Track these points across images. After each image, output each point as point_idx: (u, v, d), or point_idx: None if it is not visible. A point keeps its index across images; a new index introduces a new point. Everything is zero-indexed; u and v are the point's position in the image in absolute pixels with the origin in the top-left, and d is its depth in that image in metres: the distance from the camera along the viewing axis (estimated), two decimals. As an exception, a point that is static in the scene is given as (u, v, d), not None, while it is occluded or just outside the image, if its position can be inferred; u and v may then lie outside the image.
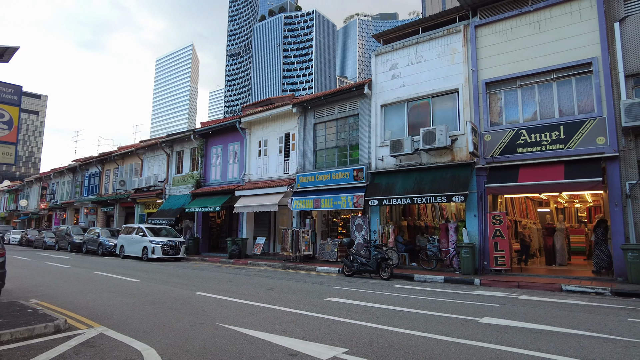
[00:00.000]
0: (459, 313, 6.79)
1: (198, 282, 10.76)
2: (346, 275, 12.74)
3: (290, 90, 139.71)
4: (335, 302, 7.75)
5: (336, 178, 16.34)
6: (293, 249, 16.13)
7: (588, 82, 11.85)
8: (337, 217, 18.90)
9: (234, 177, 21.52)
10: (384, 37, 16.88)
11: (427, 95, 14.62)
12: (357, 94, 16.63)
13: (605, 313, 6.96)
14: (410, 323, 5.99)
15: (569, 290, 9.63)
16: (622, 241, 10.73)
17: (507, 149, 12.59)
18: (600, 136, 11.25)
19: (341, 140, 17.30)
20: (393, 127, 15.56)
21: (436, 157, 14.06)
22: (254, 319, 6.18)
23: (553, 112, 12.29)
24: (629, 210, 10.80)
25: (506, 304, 7.82)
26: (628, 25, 11.37)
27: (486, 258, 12.54)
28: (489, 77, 13.34)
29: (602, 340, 5.08)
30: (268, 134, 20.16)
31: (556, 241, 14.69)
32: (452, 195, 12.67)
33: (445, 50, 14.36)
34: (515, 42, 13.04)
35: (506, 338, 5.15)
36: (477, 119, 13.32)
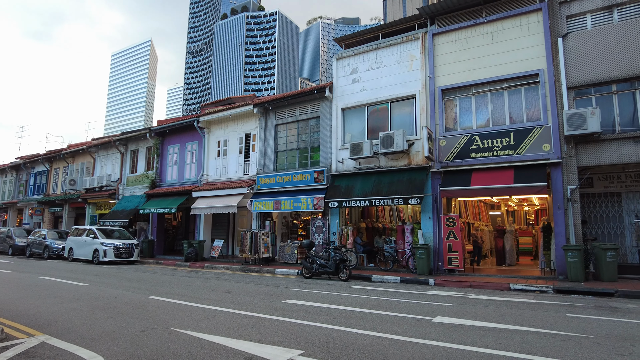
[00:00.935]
0: (413, 313, 6.97)
1: (152, 286, 10.41)
2: (305, 277, 12.76)
3: (252, 90, 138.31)
4: (293, 304, 7.74)
5: (297, 180, 16.34)
6: (252, 251, 15.96)
7: (535, 92, 12.56)
8: (297, 219, 18.89)
9: (191, 178, 21.00)
10: (346, 41, 17.09)
11: (386, 100, 14.95)
12: (318, 97, 16.73)
13: (547, 310, 7.38)
14: (366, 323, 6.08)
15: (517, 289, 10.13)
16: (564, 242, 11.44)
17: (461, 153, 13.10)
18: (545, 143, 11.95)
19: (302, 142, 17.33)
20: (353, 130, 15.78)
21: (394, 160, 14.39)
22: (210, 323, 6.06)
23: (504, 120, 12.92)
24: (569, 213, 11.54)
25: (458, 303, 8.12)
26: (570, 41, 12.17)
27: (440, 259, 12.97)
28: (445, 84, 13.83)
29: (544, 335, 5.38)
30: (228, 134, 19.85)
31: (506, 242, 15.43)
32: (408, 197, 13.01)
33: (404, 57, 14.74)
34: (470, 51, 13.60)
35: (457, 336, 5.34)
36: (433, 125, 13.77)
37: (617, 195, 12.42)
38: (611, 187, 12.49)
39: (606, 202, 12.51)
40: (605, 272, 10.61)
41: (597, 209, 12.60)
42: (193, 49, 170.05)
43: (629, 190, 12.26)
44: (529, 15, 12.85)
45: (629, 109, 11.53)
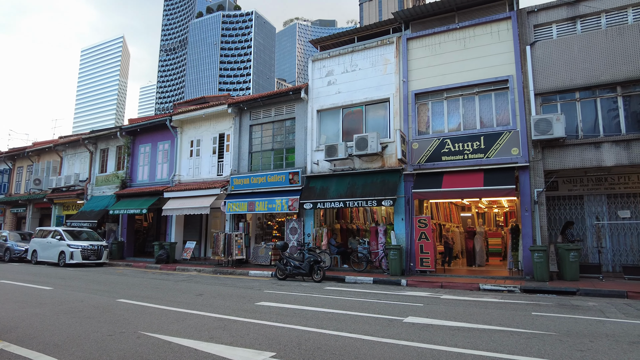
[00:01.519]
0: (385, 313, 7.05)
1: (121, 289, 10.13)
2: (279, 278, 12.71)
3: (227, 89, 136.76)
4: (266, 307, 7.69)
5: (272, 181, 16.27)
6: (225, 253, 15.77)
7: (505, 98, 12.96)
8: (272, 220, 18.80)
9: (163, 178, 20.57)
10: (321, 43, 17.15)
11: (361, 103, 15.09)
12: (294, 98, 16.72)
13: (514, 309, 7.62)
14: (339, 324, 6.11)
15: (486, 289, 10.40)
16: (531, 243, 11.84)
17: (433, 156, 13.36)
18: (514, 147, 12.34)
19: (277, 143, 17.27)
20: (328, 132, 15.84)
21: (368, 162, 14.53)
22: (180, 326, 5.95)
23: (475, 124, 13.26)
24: (536, 215, 11.95)
25: (429, 303, 8.26)
26: (537, 49, 12.62)
27: (412, 259, 13.18)
28: (418, 88, 14.08)
29: (510, 334, 5.55)
30: (201, 134, 19.56)
31: (476, 244, 15.82)
32: (381, 199, 13.17)
33: (378, 60, 14.92)
34: (443, 56, 13.90)
35: (427, 336, 5.44)
36: (406, 128, 13.99)
37: (579, 198, 12.95)
38: (574, 190, 13.02)
39: (570, 205, 13.03)
40: (568, 271, 11.04)
41: (562, 211, 13.10)
42: (167, 46, 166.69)
43: (590, 193, 12.81)
44: (499, 23, 13.25)
45: (591, 116, 12.05)
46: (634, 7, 11.81)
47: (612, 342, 5.10)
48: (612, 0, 12.01)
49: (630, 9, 11.86)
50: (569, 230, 12.35)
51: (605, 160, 11.46)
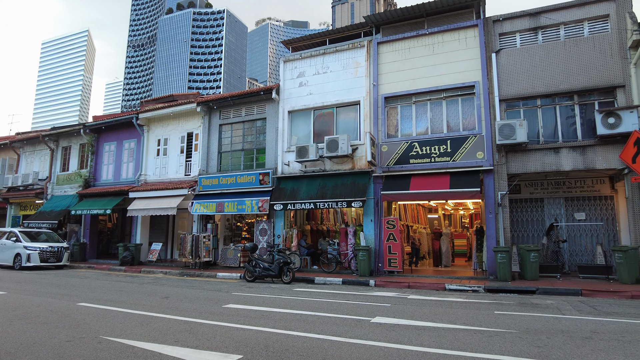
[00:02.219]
0: (353, 314, 7.11)
1: (82, 292, 9.75)
2: (248, 280, 12.58)
3: (197, 88, 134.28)
4: (234, 309, 7.60)
5: (241, 182, 16.09)
6: (193, 255, 15.47)
7: (471, 103, 13.35)
8: (241, 222, 18.60)
9: (128, 178, 19.97)
10: (293, 44, 17.14)
11: (332, 105, 15.18)
12: (265, 98, 16.62)
13: (478, 308, 7.85)
14: (307, 326, 6.11)
15: (451, 289, 10.67)
16: (494, 244, 12.24)
17: (402, 159, 13.61)
18: (479, 151, 12.73)
19: (248, 143, 17.11)
20: (299, 133, 15.84)
21: (339, 164, 14.63)
22: (144, 330, 5.79)
23: (442, 128, 13.59)
24: (500, 217, 12.38)
25: (397, 303, 8.40)
26: (502, 56, 13.08)
27: (381, 260, 13.36)
28: (388, 92, 14.30)
29: (473, 332, 5.71)
30: (169, 133, 19.13)
31: (442, 244, 16.21)
32: (351, 201, 13.28)
33: (349, 63, 15.06)
34: (413, 61, 14.18)
35: (394, 336, 5.52)
36: (376, 131, 14.18)
37: (540, 201, 13.51)
38: (536, 193, 13.56)
39: (531, 207, 13.56)
40: (529, 271, 11.49)
41: (524, 213, 13.61)
42: (135, 42, 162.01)
43: (550, 196, 13.39)
44: (467, 30, 13.65)
45: (551, 122, 12.60)
46: (589, 21, 12.46)
47: (566, 338, 5.34)
48: (570, 14, 12.62)
49: (585, 23, 12.50)
50: (553, 232, 12.84)
51: (563, 165, 12.01)
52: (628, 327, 6.03)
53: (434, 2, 13.78)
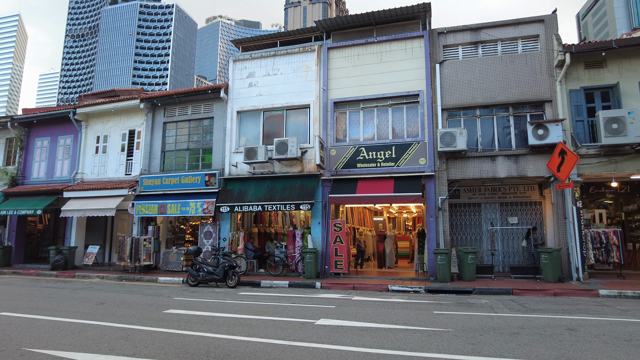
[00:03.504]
0: (298, 316, 7.13)
1: (4, 300, 8.97)
2: (191, 285, 12.20)
3: (142, 84, 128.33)
4: (175, 314, 7.34)
5: (186, 182, 15.59)
6: (132, 258, 14.75)
7: (415, 111, 13.88)
8: (185, 224, 18.00)
9: (63, 176, 18.66)
10: (243, 44, 16.92)
11: (282, 108, 15.15)
12: (213, 97, 16.24)
13: (418, 308, 8.15)
14: (250, 330, 6.04)
15: (394, 290, 11.00)
16: (435, 246, 12.78)
17: (349, 163, 13.86)
18: (422, 157, 13.26)
19: (194, 143, 16.61)
20: (248, 134, 15.64)
21: (288, 167, 14.62)
22: (75, 339, 5.43)
23: (388, 134, 14.01)
24: (440, 221, 12.95)
25: (341, 305, 8.52)
26: (445, 67, 13.74)
27: (327, 262, 13.49)
28: (337, 97, 14.51)
29: (413, 332, 5.92)
30: (109, 130, 18.13)
31: (386, 246, 16.67)
32: (300, 203, 13.31)
33: (300, 67, 15.12)
34: (361, 67, 14.50)
35: (337, 337, 5.60)
36: (325, 134, 14.34)
37: (478, 206, 14.29)
38: (474, 198, 14.33)
39: (469, 211, 14.31)
40: (467, 272, 12.12)
41: (463, 217, 14.33)
42: (74, 32, 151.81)
43: (487, 201, 14.21)
44: (413, 40, 14.19)
45: (489, 132, 13.40)
46: (522, 40, 13.43)
47: (497, 334, 5.69)
48: (506, 32, 13.52)
49: (519, 41, 13.45)
50: (532, 235, 13.45)
51: (499, 172, 12.82)
52: (550, 322, 6.54)
53: (382, 12, 14.19)
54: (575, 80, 12.66)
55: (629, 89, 12.24)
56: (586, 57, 12.55)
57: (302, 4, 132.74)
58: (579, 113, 12.59)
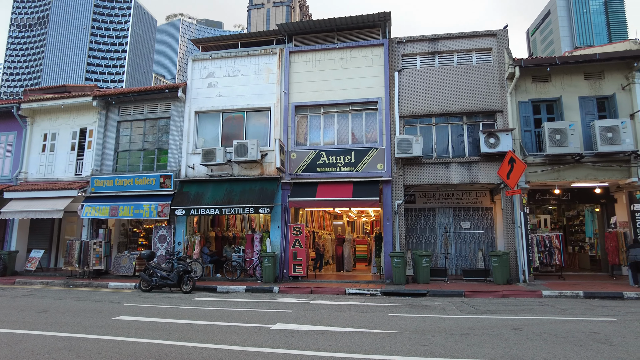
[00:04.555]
0: (254, 321, 7.05)
1: None
2: (143, 290, 11.76)
3: (97, 80, 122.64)
4: (125, 321, 7.05)
5: (140, 184, 15.04)
6: (80, 263, 14.02)
7: (374, 118, 14.16)
8: (138, 227, 17.36)
9: (4, 175, 17.46)
10: (204, 43, 16.60)
11: (242, 109, 14.99)
12: (170, 97, 15.80)
13: (374, 311, 8.29)
14: (204, 336, 5.91)
15: (351, 293, 11.12)
16: (391, 250, 13.06)
17: (309, 167, 13.92)
18: (380, 163, 13.54)
19: (149, 143, 16.07)
20: (207, 135, 15.34)
21: (247, 169, 14.46)
22: (11, 351, 5.09)
23: (347, 139, 14.20)
24: (396, 225, 13.26)
25: (298, 309, 8.51)
26: (403, 76, 14.13)
27: (286, 266, 13.45)
28: (298, 101, 14.55)
29: (368, 335, 6.02)
30: (58, 127, 17.19)
31: (345, 250, 16.83)
32: (259, 207, 13.20)
33: (261, 69, 15.04)
34: (323, 72, 14.63)
35: (293, 342, 5.59)
36: (286, 138, 14.33)
37: (432, 210, 14.76)
38: (429, 203, 14.79)
39: (424, 216, 14.75)
40: (421, 275, 12.46)
41: (418, 221, 14.74)
42: (21, 21, 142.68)
43: (441, 206, 14.70)
44: (373, 48, 14.48)
45: (444, 139, 13.89)
46: (477, 52, 14.07)
47: (448, 336, 5.89)
48: (461, 43, 14.11)
49: (474, 53, 14.08)
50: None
51: (452, 178, 13.31)
52: (497, 323, 6.85)
53: (344, 18, 14.40)
54: (524, 93, 13.40)
55: (571, 103, 13.11)
56: (534, 72, 13.32)
57: (265, 7, 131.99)
58: (527, 123, 13.32)
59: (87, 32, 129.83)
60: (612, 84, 13.04)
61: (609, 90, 13.02)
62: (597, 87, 13.12)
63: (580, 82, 13.21)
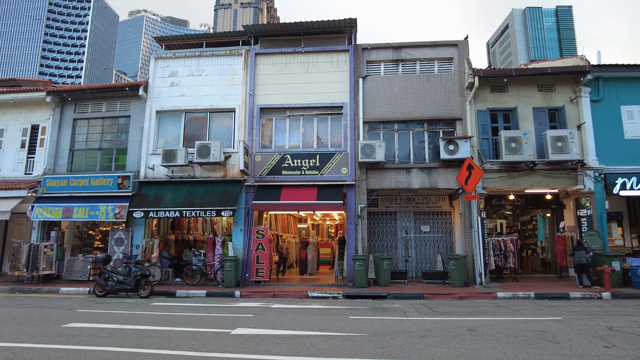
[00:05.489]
0: (214, 326, 6.92)
1: None
2: (98, 295, 11.28)
3: (52, 75, 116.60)
4: (76, 328, 6.73)
5: (96, 184, 14.44)
6: (29, 267, 13.26)
7: (339, 122, 14.30)
8: (94, 230, 16.63)
9: (-55, 173, 16.28)
10: (167, 42, 16.21)
11: (206, 110, 14.73)
12: (131, 95, 15.29)
13: (335, 314, 8.33)
14: (161, 342, 5.74)
15: (314, 296, 11.13)
16: (354, 253, 13.20)
17: (274, 170, 13.86)
18: (344, 167, 13.68)
19: (107, 142, 15.47)
20: (168, 135, 14.95)
21: (210, 171, 14.21)
22: (-53, 361, 4.74)
23: (313, 143, 14.26)
24: (359, 228, 13.43)
25: (260, 313, 8.43)
26: (368, 82, 14.37)
27: (248, 270, 13.30)
28: (264, 103, 14.48)
29: (329, 338, 6.04)
30: (6, 123, 16.23)
31: (308, 253, 16.86)
32: (221, 210, 12.99)
33: (226, 70, 14.85)
34: (288, 76, 14.63)
35: (253, 346, 5.52)
36: (251, 140, 14.20)
37: (394, 214, 15.04)
38: (390, 207, 15.07)
39: (386, 219, 15.01)
40: (383, 278, 12.66)
41: (380, 224, 14.98)
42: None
43: (402, 210, 15.02)
44: (339, 53, 14.65)
45: (406, 145, 14.22)
46: (438, 61, 14.54)
47: (407, 337, 6.01)
48: (424, 52, 14.53)
49: (436, 62, 14.54)
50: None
51: (413, 183, 13.64)
52: (454, 324, 7.07)
53: (311, 23, 14.48)
54: (483, 102, 13.96)
55: (525, 113, 13.77)
56: (492, 82, 13.91)
57: (232, 7, 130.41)
58: (485, 131, 13.87)
59: (42, 23, 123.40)
60: (562, 97, 13.82)
61: (559, 102, 13.79)
62: (549, 98, 13.86)
63: (534, 93, 13.91)
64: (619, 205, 14.46)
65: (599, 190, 13.00)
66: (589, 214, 12.89)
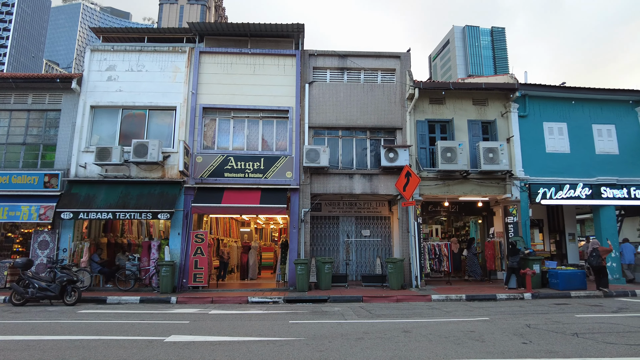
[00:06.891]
0: (146, 334, 6.60)
1: None
2: (15, 304, 10.33)
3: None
4: (-14, 340, 6.12)
5: (18, 182, 13.27)
6: None
7: (285, 126, 14.30)
8: (14, 232, 15.24)
9: None
10: (105, 34, 15.33)
11: (145, 107, 14.09)
12: (62, 87, 14.25)
13: (275, 319, 8.28)
14: (87, 353, 5.38)
15: (254, 302, 10.99)
16: (296, 257, 13.21)
17: (216, 172, 13.55)
18: (288, 171, 13.68)
19: (33, 137, 14.28)
20: (103, 132, 14.11)
21: (147, 171, 13.59)
22: None
23: (257, 146, 14.13)
24: (302, 232, 13.49)
25: (196, 320, 8.17)
26: (314, 88, 14.52)
27: (186, 276, 12.85)
28: (207, 103, 14.12)
29: (267, 343, 5.99)
30: None
31: (250, 258, 16.61)
32: (158, 212, 12.47)
33: (168, 66, 14.33)
34: (234, 76, 14.41)
35: (187, 354, 5.34)
36: (192, 140, 13.79)
37: (336, 219, 15.27)
38: (333, 212, 15.29)
39: (329, 224, 15.20)
40: (324, 281, 12.79)
41: (323, 229, 15.14)
42: None
43: (344, 214, 15.30)
44: (286, 58, 14.67)
45: (349, 151, 14.52)
46: (382, 72, 15.04)
47: (344, 340, 6.11)
48: (368, 62, 14.96)
49: (379, 72, 15.03)
50: (472, 245, 15.02)
51: (355, 189, 13.95)
52: (390, 326, 7.30)
53: (258, 25, 14.37)
54: (422, 113, 14.61)
55: (461, 125, 14.61)
56: (431, 94, 14.61)
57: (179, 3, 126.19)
58: (423, 141, 14.52)
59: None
60: (494, 111, 14.83)
61: (491, 116, 14.78)
62: (482, 112, 14.81)
63: (469, 107, 14.80)
64: (540, 213, 15.77)
65: (524, 199, 14.08)
66: (515, 221, 13.91)
